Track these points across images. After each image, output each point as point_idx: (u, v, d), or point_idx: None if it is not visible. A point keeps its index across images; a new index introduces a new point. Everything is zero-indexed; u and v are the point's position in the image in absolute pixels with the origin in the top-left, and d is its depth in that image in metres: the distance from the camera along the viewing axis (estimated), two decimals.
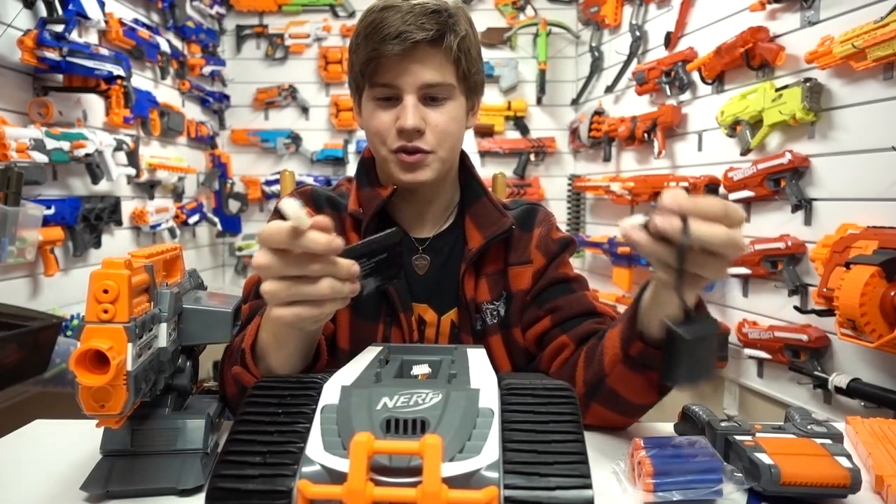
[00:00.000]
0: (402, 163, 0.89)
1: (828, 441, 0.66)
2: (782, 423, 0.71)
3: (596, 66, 2.97)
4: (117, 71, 1.96)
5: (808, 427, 0.69)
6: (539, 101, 3.27)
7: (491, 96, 3.27)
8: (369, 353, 0.72)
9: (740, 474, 0.63)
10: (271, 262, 0.60)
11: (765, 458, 0.61)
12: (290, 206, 0.58)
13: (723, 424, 0.69)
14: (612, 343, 0.78)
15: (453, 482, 0.46)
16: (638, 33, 2.57)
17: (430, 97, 0.88)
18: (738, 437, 0.66)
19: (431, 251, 0.96)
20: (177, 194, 2.80)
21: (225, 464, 0.52)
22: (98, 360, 0.52)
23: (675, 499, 0.60)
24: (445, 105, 0.89)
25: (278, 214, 0.96)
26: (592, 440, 0.79)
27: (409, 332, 0.91)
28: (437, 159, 0.90)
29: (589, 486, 0.48)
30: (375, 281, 0.71)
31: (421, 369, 0.71)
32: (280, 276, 0.61)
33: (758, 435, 0.67)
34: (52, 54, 1.72)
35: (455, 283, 0.94)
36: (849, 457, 0.62)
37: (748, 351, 1.87)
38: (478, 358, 0.70)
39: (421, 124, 0.87)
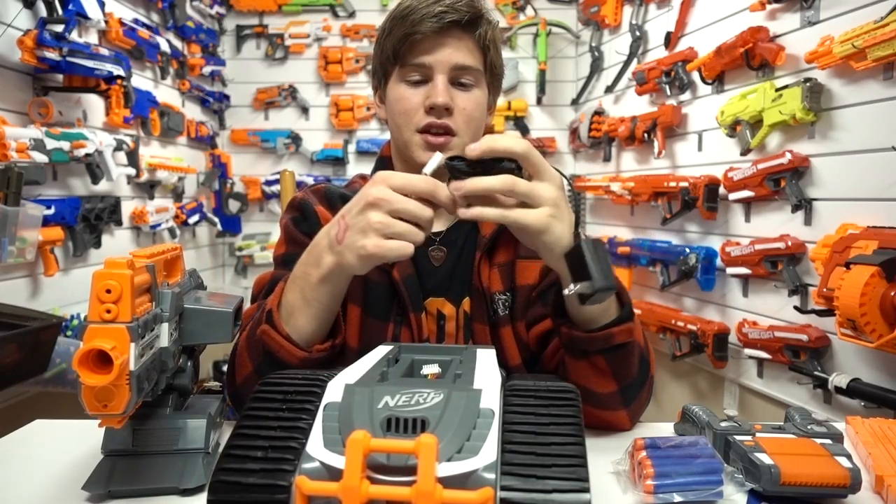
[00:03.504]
0: (427, 143, 0.90)
1: (828, 441, 0.66)
2: (782, 423, 0.71)
3: (596, 66, 2.97)
4: (117, 71, 1.96)
5: (808, 427, 0.69)
6: (539, 101, 3.27)
7: None
8: (378, 352, 0.73)
9: (741, 475, 0.63)
10: (400, 199, 0.69)
11: (765, 458, 0.61)
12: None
13: (723, 424, 0.69)
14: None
15: (450, 482, 0.46)
16: (638, 33, 2.58)
17: (458, 81, 0.91)
18: (738, 437, 0.66)
19: (447, 243, 0.97)
20: (177, 194, 2.80)
21: (228, 457, 0.52)
22: (101, 359, 0.52)
23: (675, 500, 0.60)
24: (472, 91, 0.92)
25: (298, 211, 0.97)
26: (593, 440, 0.79)
27: (419, 331, 0.92)
28: (461, 144, 0.91)
29: (586, 490, 0.48)
30: None
31: (431, 369, 0.71)
32: (398, 213, 0.69)
33: (758, 435, 0.67)
34: (52, 54, 1.71)
35: (469, 273, 0.94)
36: (849, 457, 0.62)
37: (748, 351, 1.87)
38: (486, 359, 0.70)
39: (450, 101, 0.88)
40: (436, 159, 0.73)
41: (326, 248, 0.75)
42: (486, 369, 0.65)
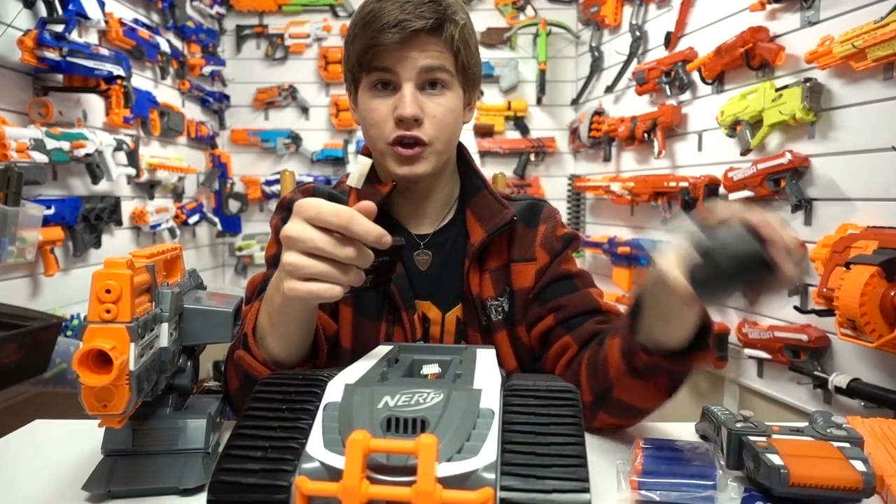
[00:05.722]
0: (399, 156, 0.88)
1: (846, 445, 0.64)
2: (801, 426, 0.70)
3: (596, 66, 2.97)
4: (117, 71, 1.95)
5: (829, 430, 0.68)
6: (539, 101, 3.27)
7: (491, 96, 3.27)
8: (378, 352, 0.72)
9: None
10: (311, 236, 0.61)
11: (775, 459, 0.60)
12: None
13: (738, 425, 0.68)
14: (614, 354, 0.76)
15: (450, 482, 0.46)
16: (638, 33, 2.58)
17: (428, 83, 0.87)
18: (751, 438, 0.65)
19: (433, 247, 0.96)
20: (177, 194, 2.80)
21: (228, 457, 0.52)
22: (101, 360, 0.52)
23: (655, 499, 0.60)
24: (444, 95, 0.88)
25: (287, 211, 0.96)
26: (595, 440, 0.79)
27: (412, 330, 0.91)
28: (434, 151, 0.89)
29: (586, 490, 0.47)
30: (368, 281, 0.71)
31: (431, 369, 0.71)
32: (310, 251, 0.62)
33: (774, 436, 0.65)
34: (52, 54, 1.71)
35: (458, 279, 0.93)
36: (865, 461, 0.61)
37: (748, 351, 1.86)
38: (486, 358, 0.70)
39: (419, 113, 0.85)
40: (359, 166, 0.66)
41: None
42: (486, 369, 0.65)
